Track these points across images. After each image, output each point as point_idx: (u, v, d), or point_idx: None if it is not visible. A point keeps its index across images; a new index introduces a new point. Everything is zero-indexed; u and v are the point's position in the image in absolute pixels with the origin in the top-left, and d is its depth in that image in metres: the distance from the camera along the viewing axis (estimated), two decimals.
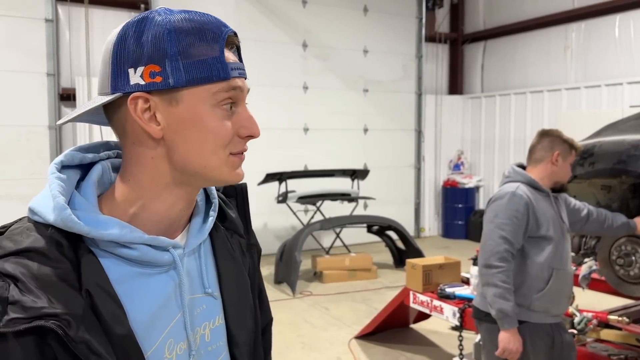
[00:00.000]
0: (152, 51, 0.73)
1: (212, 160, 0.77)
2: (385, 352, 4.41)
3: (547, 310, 2.37)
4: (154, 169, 0.77)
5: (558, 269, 2.36)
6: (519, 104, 8.87)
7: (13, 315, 0.65)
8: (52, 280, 0.68)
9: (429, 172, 9.72)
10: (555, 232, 2.35)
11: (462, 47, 10.04)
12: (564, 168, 2.41)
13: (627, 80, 7.17)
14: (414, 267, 4.04)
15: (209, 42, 0.74)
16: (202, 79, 0.74)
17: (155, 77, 0.73)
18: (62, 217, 0.71)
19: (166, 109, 0.75)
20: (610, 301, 3.91)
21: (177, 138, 0.76)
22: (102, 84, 0.77)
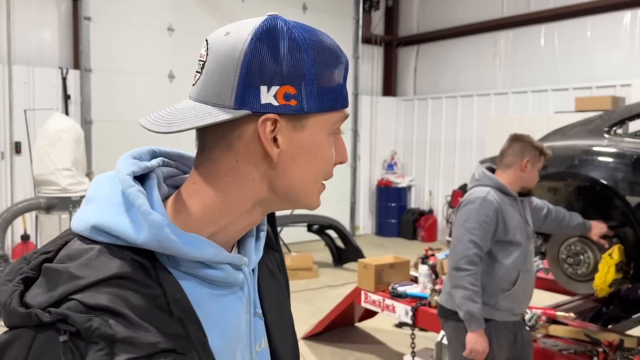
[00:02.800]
0: (290, 70, 0.67)
1: (314, 187, 0.74)
2: (334, 351, 4.42)
3: (511, 309, 2.46)
4: (251, 190, 0.72)
5: (524, 271, 2.45)
6: (449, 108, 9.21)
7: (125, 356, 0.58)
8: (151, 310, 0.62)
9: (364, 172, 9.86)
10: (521, 236, 2.44)
11: (396, 49, 10.27)
12: (532, 174, 2.49)
13: (552, 88, 7.64)
14: (366, 267, 4.07)
15: (336, 67, 0.71)
16: (330, 106, 0.70)
17: (290, 99, 0.68)
18: (159, 237, 0.65)
19: (290, 134, 0.70)
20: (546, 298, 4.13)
21: (292, 164, 0.71)
22: (216, 93, 0.69)
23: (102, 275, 0.62)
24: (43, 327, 0.60)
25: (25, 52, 6.67)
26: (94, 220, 0.67)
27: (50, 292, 0.61)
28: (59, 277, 0.62)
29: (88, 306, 0.60)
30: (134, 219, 0.66)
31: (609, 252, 2.79)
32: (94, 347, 0.58)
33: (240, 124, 0.69)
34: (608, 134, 3.02)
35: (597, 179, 2.81)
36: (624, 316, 3.61)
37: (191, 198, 0.72)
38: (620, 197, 2.72)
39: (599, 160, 2.84)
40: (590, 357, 2.79)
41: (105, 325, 0.59)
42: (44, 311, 0.59)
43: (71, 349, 0.58)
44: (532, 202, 2.73)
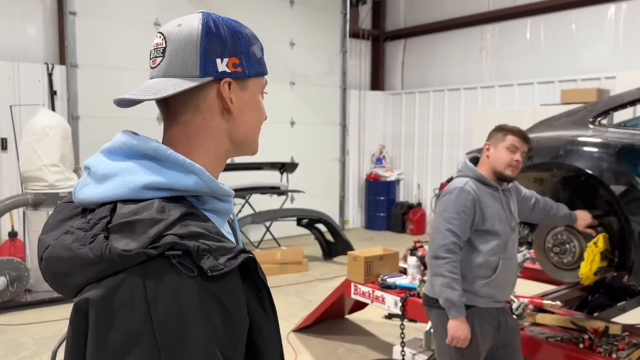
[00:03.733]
0: (233, 46, 0.91)
1: (257, 134, 1.00)
2: (325, 343, 4.45)
3: (493, 296, 2.50)
4: (219, 141, 0.94)
5: (505, 258, 2.49)
6: (437, 101, 9.26)
7: (224, 257, 0.78)
8: (219, 232, 0.83)
9: (353, 166, 9.89)
10: (501, 225, 2.48)
11: (384, 44, 10.29)
12: (497, 155, 2.51)
13: (537, 81, 7.71)
14: (355, 259, 4.10)
15: (258, 45, 0.96)
16: (261, 72, 0.97)
17: (237, 67, 0.92)
18: (205, 179, 0.85)
19: (238, 93, 0.94)
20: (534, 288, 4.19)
21: (242, 116, 0.95)
22: (183, 68, 0.90)
23: (177, 215, 0.79)
24: (151, 261, 0.74)
25: (9, 47, 6.60)
26: (143, 181, 0.82)
27: (142, 236, 0.75)
28: (143, 225, 0.76)
29: (181, 236, 0.76)
30: (179, 172, 0.84)
31: (594, 240, 2.83)
32: (203, 257, 0.75)
33: (204, 89, 0.91)
34: (593, 125, 3.06)
35: (582, 169, 2.85)
36: (609, 304, 3.68)
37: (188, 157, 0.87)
38: (605, 187, 2.76)
39: (584, 150, 2.88)
40: (577, 344, 2.84)
41: (202, 244, 0.76)
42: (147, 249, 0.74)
43: (184, 266, 0.74)
44: (520, 192, 2.77)
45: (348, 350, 4.31)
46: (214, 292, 0.75)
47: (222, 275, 0.76)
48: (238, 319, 0.78)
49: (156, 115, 7.43)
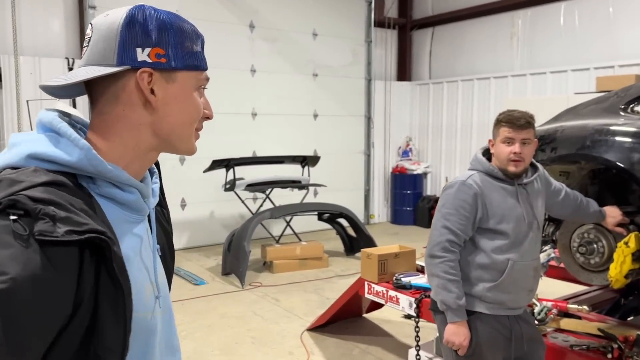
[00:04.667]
0: (158, 37, 0.89)
1: (187, 131, 0.95)
2: (339, 343, 4.27)
3: (502, 302, 2.27)
4: (140, 134, 0.91)
5: (516, 261, 2.25)
6: (466, 91, 8.91)
7: (66, 227, 0.74)
8: (83, 207, 0.79)
9: (378, 159, 9.65)
10: (511, 223, 2.24)
11: (411, 33, 9.98)
12: (496, 150, 2.30)
13: (571, 68, 7.31)
14: (369, 257, 3.90)
15: (195, 39, 0.94)
16: (193, 66, 0.94)
17: (160, 58, 0.89)
18: (89, 156, 0.84)
19: (163, 85, 0.91)
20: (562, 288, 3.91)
21: (168, 109, 0.92)
22: (101, 57, 0.88)
23: (41, 180, 0.78)
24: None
25: (31, 42, 6.62)
26: (28, 150, 0.83)
27: (1, 192, 0.75)
28: (6, 183, 0.77)
29: (32, 199, 0.75)
30: (66, 146, 0.84)
31: (624, 240, 2.56)
32: (40, 221, 0.73)
33: (123, 78, 0.89)
34: (624, 112, 2.78)
35: (612, 161, 2.58)
36: None
37: (98, 143, 0.89)
38: (637, 181, 2.49)
39: (614, 140, 2.60)
40: (604, 353, 2.58)
41: (49, 209, 0.74)
42: None
43: (20, 224, 0.73)
44: (550, 185, 2.51)
45: (363, 352, 4.13)
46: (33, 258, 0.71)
47: (50, 243, 0.72)
48: (51, 300, 0.72)
49: None
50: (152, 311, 0.93)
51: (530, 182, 2.34)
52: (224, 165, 6.75)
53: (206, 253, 7.29)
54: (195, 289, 5.69)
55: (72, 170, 0.84)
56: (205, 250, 7.43)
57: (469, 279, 2.27)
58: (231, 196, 7.13)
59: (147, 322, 0.91)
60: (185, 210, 7.61)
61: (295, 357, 4.03)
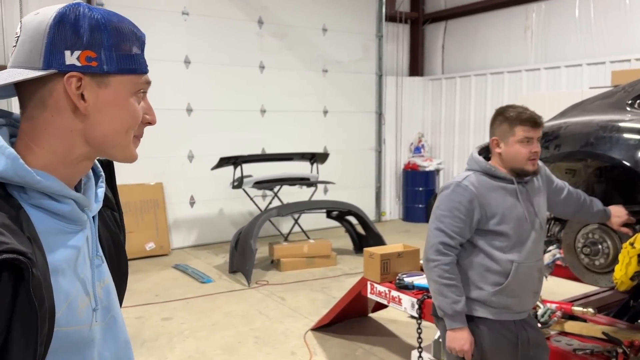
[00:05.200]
0: (90, 40, 0.83)
1: (123, 139, 0.90)
2: (343, 344, 4.22)
3: (508, 306, 2.18)
4: (70, 141, 0.86)
5: (520, 262, 2.16)
6: (479, 86, 8.76)
7: None
8: (7, 223, 0.74)
9: (389, 156, 9.55)
10: (513, 223, 2.15)
11: (423, 27, 9.85)
12: (510, 151, 2.16)
13: (587, 62, 7.12)
14: (371, 256, 3.83)
15: (134, 41, 0.89)
16: (129, 70, 0.88)
17: (91, 61, 0.84)
18: (15, 166, 0.79)
19: (95, 90, 0.85)
20: (569, 287, 3.80)
21: (100, 116, 0.87)
22: (27, 59, 0.83)
23: None
24: None
25: None
26: None
27: None
28: None
29: None
30: None
31: (630, 240, 2.45)
32: None
33: (50, 83, 0.83)
34: (631, 108, 2.67)
35: (617, 159, 2.47)
36: None
37: (25, 150, 0.85)
38: None
39: (619, 137, 2.49)
40: (609, 358, 2.49)
41: None
42: None
43: None
44: (552, 183, 2.41)
45: (366, 353, 4.07)
46: None
47: None
48: None
49: (185, 106, 7.37)
50: (90, 324, 0.89)
51: (530, 180, 2.25)
52: (232, 163, 6.72)
53: (215, 251, 7.29)
54: (202, 287, 5.68)
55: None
56: (214, 248, 7.42)
57: (472, 283, 2.19)
58: (240, 194, 7.11)
59: (82, 334, 0.87)
60: (194, 208, 7.61)
61: (297, 357, 3.98)
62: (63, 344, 0.82)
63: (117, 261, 1.06)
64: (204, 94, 7.50)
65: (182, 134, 7.36)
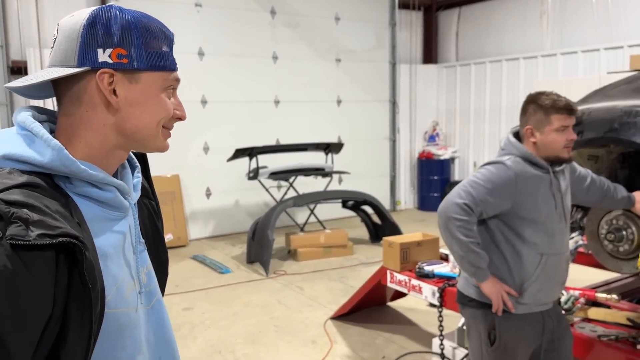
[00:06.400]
0: (121, 37, 0.88)
1: (154, 131, 0.95)
2: (362, 332, 4.24)
3: (538, 300, 2.16)
4: (104, 134, 0.91)
5: (550, 254, 2.14)
6: (494, 72, 8.68)
7: (39, 231, 0.74)
8: (59, 209, 0.80)
9: (404, 144, 9.52)
10: (546, 214, 2.12)
11: (437, 14, 9.76)
12: (545, 139, 2.12)
13: (604, 47, 7.02)
14: (390, 245, 3.84)
15: (163, 39, 0.93)
16: (159, 66, 0.93)
17: (122, 58, 0.89)
18: (61, 156, 0.84)
19: (126, 86, 0.90)
20: (592, 274, 3.78)
21: (131, 110, 0.92)
22: (63, 58, 0.89)
23: (16, 182, 0.78)
24: None
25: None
26: (2, 151, 0.83)
27: None
28: None
29: (6, 202, 0.75)
30: (38, 146, 0.84)
31: None
32: (13, 225, 0.73)
33: (84, 79, 0.89)
34: None
35: None
36: None
37: (66, 144, 0.88)
38: None
39: None
40: (634, 344, 2.48)
41: (22, 212, 0.74)
42: None
43: None
44: (575, 171, 2.38)
45: (386, 341, 4.09)
46: (5, 263, 0.70)
47: (24, 247, 0.72)
48: (28, 304, 0.72)
49: (200, 98, 7.39)
50: (135, 307, 0.94)
51: (561, 170, 2.22)
52: (247, 154, 6.75)
53: (232, 241, 7.34)
54: (220, 278, 5.73)
55: (46, 170, 0.84)
56: (231, 239, 7.47)
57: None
58: (255, 185, 7.14)
59: (129, 317, 0.92)
60: (210, 199, 7.66)
61: (318, 345, 4.02)
62: (113, 326, 0.87)
63: (156, 248, 1.10)
64: (218, 86, 7.52)
65: (198, 126, 7.40)
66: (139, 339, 0.95)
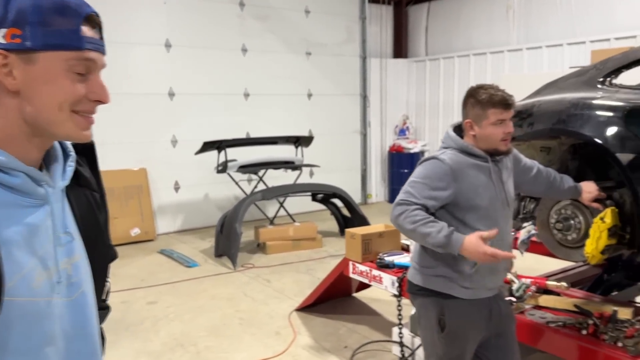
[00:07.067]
0: (16, 17, 0.85)
1: (58, 115, 0.90)
2: (327, 323, 4.28)
3: (483, 285, 2.22)
4: (8, 118, 0.89)
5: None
6: (462, 67, 8.79)
7: None
8: None
9: (374, 138, 9.58)
10: (486, 201, 2.18)
11: (406, 8, 9.82)
12: (483, 133, 2.17)
13: (567, 42, 7.17)
14: (353, 237, 3.88)
15: (68, 17, 0.88)
16: (56, 45, 0.87)
17: (15, 38, 0.85)
18: None
19: (22, 67, 0.87)
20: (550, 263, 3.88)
21: (30, 92, 0.88)
22: None
23: None
24: None
25: None
26: None
27: None
28: None
29: None
30: None
31: (600, 215, 2.52)
32: None
33: None
34: (602, 85, 2.71)
35: (587, 136, 2.52)
36: (628, 283, 3.35)
37: None
38: (611, 155, 2.43)
39: (588, 114, 2.53)
40: (580, 329, 2.56)
41: None
42: None
43: None
44: (519, 162, 2.45)
45: (349, 331, 4.14)
46: None
47: None
48: None
49: (167, 90, 7.32)
50: (48, 297, 0.92)
51: (501, 159, 2.28)
52: (216, 147, 6.72)
53: (201, 235, 7.30)
54: (187, 271, 5.71)
55: None
56: (201, 233, 7.44)
57: (449, 265, 2.19)
58: (225, 178, 7.12)
59: (36, 307, 0.90)
60: (179, 193, 7.61)
61: (282, 337, 4.04)
62: (16, 314, 0.85)
63: (94, 241, 1.07)
64: (186, 78, 7.45)
65: (165, 118, 7.33)
66: (50, 330, 0.92)
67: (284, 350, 3.81)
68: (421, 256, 2.31)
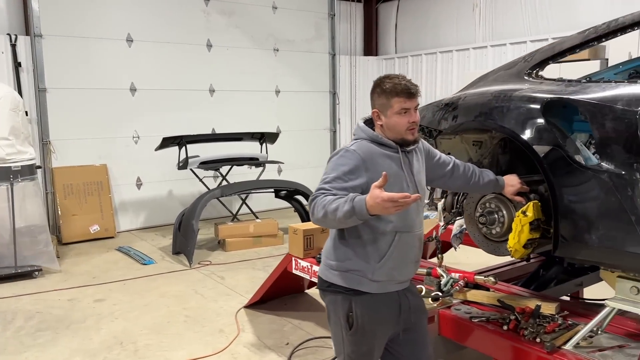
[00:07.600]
0: None
1: None
2: (273, 320, 4.23)
3: (392, 277, 2.18)
4: None
5: (402, 232, 2.16)
6: (429, 65, 8.78)
7: None
8: None
9: (344, 135, 9.53)
10: (398, 191, 2.13)
11: (377, 6, 9.79)
12: (389, 122, 2.14)
13: (530, 39, 7.18)
14: (295, 232, 3.83)
15: None
16: None
17: None
18: None
19: None
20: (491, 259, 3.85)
21: None
22: None
23: None
24: None
25: None
26: None
27: None
28: None
29: None
30: None
31: (522, 209, 2.49)
32: None
33: None
34: (529, 77, 2.68)
35: (507, 128, 2.49)
36: (564, 279, 3.34)
37: None
38: (528, 147, 2.41)
39: (509, 107, 2.50)
40: (502, 325, 2.53)
41: None
42: None
43: None
44: (434, 156, 2.43)
45: (295, 327, 4.09)
46: None
47: None
48: None
49: (129, 86, 7.21)
50: None
51: (411, 150, 2.25)
52: (176, 143, 6.63)
53: (163, 232, 7.21)
54: (142, 269, 5.62)
55: None
56: (162, 230, 7.34)
57: (357, 257, 2.15)
58: (190, 175, 7.04)
59: None
60: (141, 190, 7.51)
61: (224, 334, 3.98)
62: None
63: None
64: (148, 73, 7.35)
65: (127, 114, 7.22)
66: None
67: (224, 347, 3.75)
68: (331, 252, 2.26)
